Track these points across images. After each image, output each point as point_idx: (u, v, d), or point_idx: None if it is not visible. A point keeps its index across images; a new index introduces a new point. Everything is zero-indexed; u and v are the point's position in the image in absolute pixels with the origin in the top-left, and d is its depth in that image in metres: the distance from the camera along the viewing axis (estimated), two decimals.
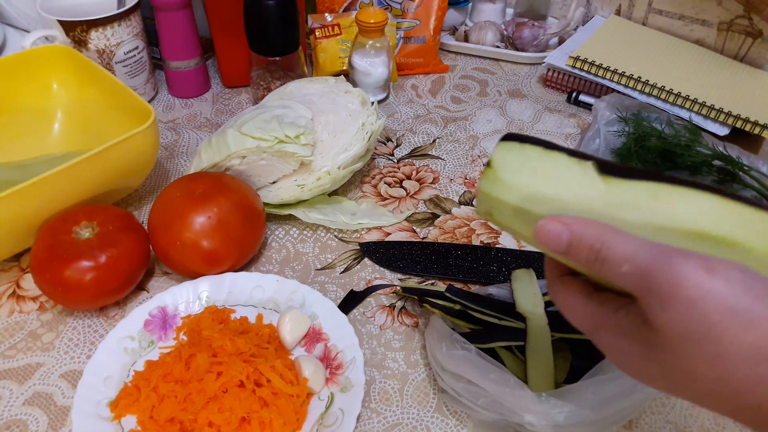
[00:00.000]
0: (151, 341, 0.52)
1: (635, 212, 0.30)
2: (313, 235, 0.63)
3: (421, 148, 0.75)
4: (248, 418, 0.44)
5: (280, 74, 0.74)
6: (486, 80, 0.88)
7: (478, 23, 0.93)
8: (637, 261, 0.28)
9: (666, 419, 0.48)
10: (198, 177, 0.58)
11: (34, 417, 0.48)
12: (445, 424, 0.47)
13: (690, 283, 0.26)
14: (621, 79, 0.78)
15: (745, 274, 0.26)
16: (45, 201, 0.53)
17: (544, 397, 0.41)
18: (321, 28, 0.82)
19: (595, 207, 0.31)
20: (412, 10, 0.86)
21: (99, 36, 0.71)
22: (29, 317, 0.55)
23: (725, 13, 0.82)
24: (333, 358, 0.50)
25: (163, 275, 0.59)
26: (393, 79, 0.84)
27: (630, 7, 0.91)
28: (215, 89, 0.84)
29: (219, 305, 0.54)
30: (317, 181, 0.61)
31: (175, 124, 0.78)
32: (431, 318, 0.49)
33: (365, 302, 0.56)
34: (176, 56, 0.78)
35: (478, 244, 0.62)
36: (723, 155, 0.64)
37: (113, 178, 0.57)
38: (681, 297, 0.26)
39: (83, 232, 0.52)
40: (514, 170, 0.33)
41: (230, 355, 0.47)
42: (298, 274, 0.59)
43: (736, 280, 0.26)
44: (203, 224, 0.53)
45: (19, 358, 0.51)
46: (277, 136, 0.58)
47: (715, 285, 0.26)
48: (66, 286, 0.51)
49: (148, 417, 0.45)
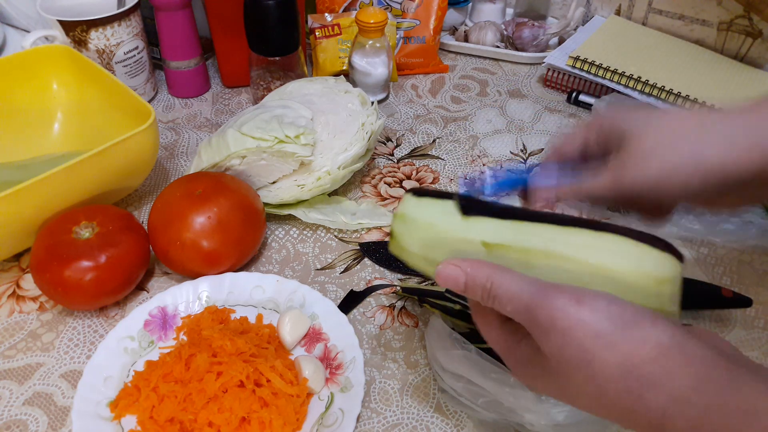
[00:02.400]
0: (151, 341, 0.52)
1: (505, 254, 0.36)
2: (313, 235, 0.63)
3: (421, 148, 0.75)
4: (248, 418, 0.44)
5: (280, 74, 0.74)
6: (486, 80, 0.88)
7: (478, 23, 0.93)
8: (522, 298, 0.32)
9: None
10: (198, 177, 0.58)
11: (34, 417, 0.48)
12: (445, 424, 0.47)
13: (562, 315, 0.30)
14: (621, 79, 0.78)
15: (609, 303, 0.30)
16: (45, 201, 0.53)
17: (544, 397, 0.41)
18: (321, 28, 0.82)
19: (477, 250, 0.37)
20: (412, 10, 0.86)
21: (99, 36, 0.71)
22: (29, 317, 0.55)
23: (725, 13, 0.82)
24: (333, 358, 0.50)
25: (163, 275, 0.59)
26: (393, 79, 0.84)
27: (630, 7, 0.91)
28: (215, 89, 0.84)
29: (219, 305, 0.54)
30: (317, 181, 0.61)
31: (175, 124, 0.78)
32: (431, 318, 0.49)
33: (365, 302, 0.56)
34: (176, 56, 0.78)
35: None
36: None
37: (113, 178, 0.57)
38: (556, 328, 0.30)
39: (83, 232, 0.52)
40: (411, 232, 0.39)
41: (230, 355, 0.47)
42: (298, 274, 0.59)
43: (600, 308, 0.30)
44: (203, 224, 0.53)
45: (19, 358, 0.51)
46: (277, 136, 0.58)
47: (582, 315, 0.30)
48: (66, 286, 0.51)
49: (148, 417, 0.45)
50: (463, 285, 0.34)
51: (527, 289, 0.32)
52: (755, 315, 0.56)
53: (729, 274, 0.60)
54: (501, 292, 0.33)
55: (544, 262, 0.35)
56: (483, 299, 0.34)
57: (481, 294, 0.34)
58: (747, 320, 0.55)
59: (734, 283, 0.59)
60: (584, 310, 0.30)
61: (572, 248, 0.35)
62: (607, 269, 0.34)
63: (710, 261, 0.61)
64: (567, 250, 0.35)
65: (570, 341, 0.30)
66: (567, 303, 0.30)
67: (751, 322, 0.55)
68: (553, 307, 0.30)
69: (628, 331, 0.29)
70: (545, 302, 0.31)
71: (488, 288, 0.33)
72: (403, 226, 0.40)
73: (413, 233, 0.39)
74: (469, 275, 0.34)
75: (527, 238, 0.36)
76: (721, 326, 0.55)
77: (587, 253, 0.34)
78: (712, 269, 0.60)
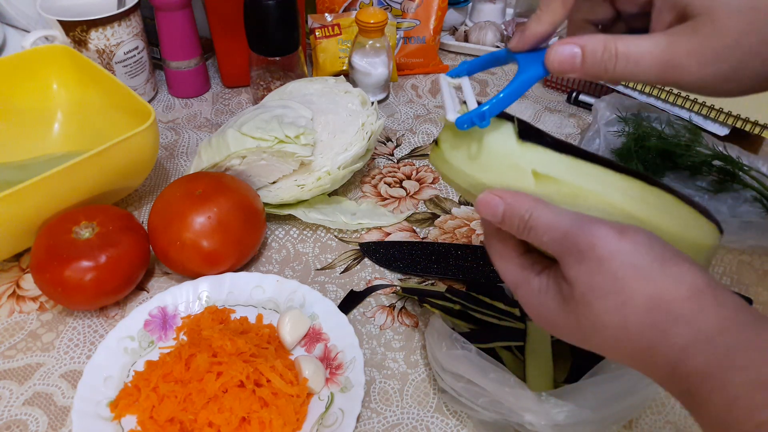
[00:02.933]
0: (151, 341, 0.52)
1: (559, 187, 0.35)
2: (313, 235, 0.63)
3: (421, 148, 0.75)
4: (248, 418, 0.44)
5: (280, 74, 0.74)
6: (486, 80, 0.88)
7: (478, 23, 0.93)
8: (559, 227, 0.32)
9: (666, 419, 0.48)
10: (198, 177, 0.58)
11: (34, 417, 0.48)
12: (445, 424, 0.47)
13: (602, 243, 0.30)
14: None
15: (650, 239, 0.30)
16: (45, 201, 0.53)
17: (544, 396, 0.41)
18: (321, 28, 0.82)
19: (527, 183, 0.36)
20: (412, 10, 0.86)
21: (99, 36, 0.71)
22: (29, 317, 0.55)
23: None
24: (333, 358, 0.50)
25: (163, 275, 0.59)
26: (393, 79, 0.84)
27: None
28: (215, 89, 0.84)
29: (219, 305, 0.54)
30: (317, 181, 0.61)
31: (175, 124, 0.78)
32: (431, 318, 0.49)
33: (365, 302, 0.56)
34: (176, 56, 0.78)
35: (478, 244, 0.62)
36: (723, 155, 0.64)
37: (113, 178, 0.57)
38: (593, 255, 0.30)
39: (83, 232, 0.52)
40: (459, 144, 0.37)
41: (230, 355, 0.47)
42: (298, 274, 0.59)
43: (641, 242, 0.30)
44: (203, 224, 0.53)
45: (19, 358, 0.51)
46: (277, 136, 0.58)
47: (623, 246, 0.30)
48: (66, 286, 0.51)
49: (148, 417, 0.45)
50: (500, 215, 0.34)
51: (567, 219, 0.32)
52: None
53: (729, 274, 0.60)
54: (540, 222, 0.32)
55: (591, 203, 0.34)
56: (519, 230, 0.34)
57: (518, 224, 0.33)
58: None
59: (734, 283, 0.59)
60: (625, 241, 0.30)
61: (621, 195, 0.34)
62: (653, 225, 0.33)
63: None
64: (616, 196, 0.34)
65: (604, 268, 0.30)
66: (609, 233, 0.30)
67: None
68: (594, 235, 0.30)
69: (667, 267, 0.29)
70: (586, 230, 0.31)
71: (526, 219, 0.33)
72: (452, 136, 0.37)
73: (462, 146, 0.37)
74: (509, 205, 0.34)
75: (579, 176, 0.35)
76: None
77: (637, 206, 0.34)
78: (712, 269, 0.60)
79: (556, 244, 0.32)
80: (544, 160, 0.35)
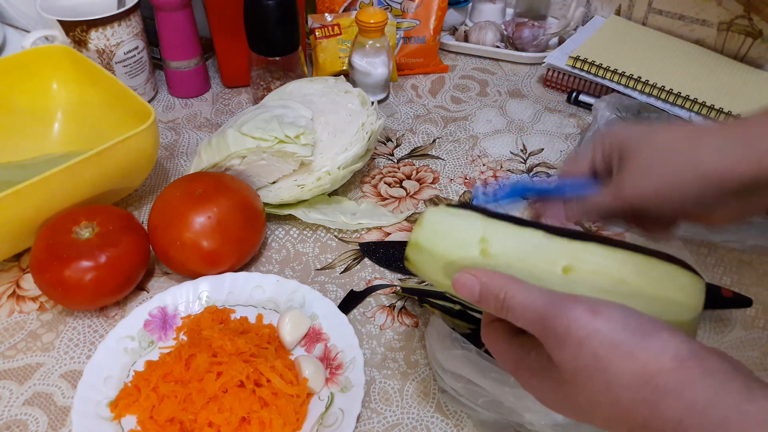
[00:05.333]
0: (151, 341, 0.52)
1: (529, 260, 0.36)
2: (313, 235, 0.63)
3: (421, 148, 0.75)
4: (248, 418, 0.44)
5: (280, 74, 0.74)
6: (486, 80, 0.88)
7: (478, 23, 0.93)
8: (536, 308, 0.32)
9: None
10: (198, 177, 0.58)
11: (34, 417, 0.48)
12: (445, 424, 0.47)
13: (576, 325, 0.30)
14: (621, 79, 0.78)
15: (624, 313, 0.30)
16: (45, 201, 0.53)
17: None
18: (321, 28, 0.82)
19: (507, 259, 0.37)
20: (412, 10, 0.86)
21: (99, 36, 0.71)
22: (29, 317, 0.55)
23: (725, 13, 0.82)
24: (333, 358, 0.50)
25: (163, 275, 0.59)
26: (393, 79, 0.84)
27: (630, 7, 0.91)
28: (215, 89, 0.84)
29: (219, 305, 0.54)
30: (317, 181, 0.61)
31: (175, 124, 0.78)
32: (431, 318, 0.49)
33: (365, 302, 0.56)
34: (176, 56, 0.78)
35: None
36: None
37: (113, 178, 0.57)
38: (572, 337, 0.30)
39: (83, 232, 0.52)
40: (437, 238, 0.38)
41: (230, 355, 0.47)
42: (298, 274, 0.59)
43: (615, 319, 0.30)
44: (203, 224, 0.53)
45: (19, 358, 0.51)
46: (277, 136, 0.58)
47: (599, 325, 0.30)
48: (66, 286, 0.51)
49: (148, 417, 0.45)
50: (477, 295, 0.35)
51: (541, 300, 0.32)
52: (755, 315, 0.56)
53: (729, 274, 0.60)
54: (515, 302, 0.33)
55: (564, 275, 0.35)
56: (496, 309, 0.34)
57: (494, 304, 0.34)
58: (747, 320, 0.55)
59: (734, 283, 0.59)
60: (600, 319, 0.30)
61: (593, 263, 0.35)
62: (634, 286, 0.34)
63: (710, 261, 0.61)
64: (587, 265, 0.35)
65: (584, 351, 0.30)
66: (582, 313, 0.30)
67: (751, 322, 0.55)
68: (568, 317, 0.30)
69: (647, 341, 0.29)
70: (560, 312, 0.31)
71: (502, 298, 0.33)
72: (418, 255, 0.39)
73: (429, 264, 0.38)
74: (484, 285, 0.34)
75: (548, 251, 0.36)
76: (721, 326, 0.55)
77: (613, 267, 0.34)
78: (712, 269, 0.60)
79: (535, 327, 0.32)
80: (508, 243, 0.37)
